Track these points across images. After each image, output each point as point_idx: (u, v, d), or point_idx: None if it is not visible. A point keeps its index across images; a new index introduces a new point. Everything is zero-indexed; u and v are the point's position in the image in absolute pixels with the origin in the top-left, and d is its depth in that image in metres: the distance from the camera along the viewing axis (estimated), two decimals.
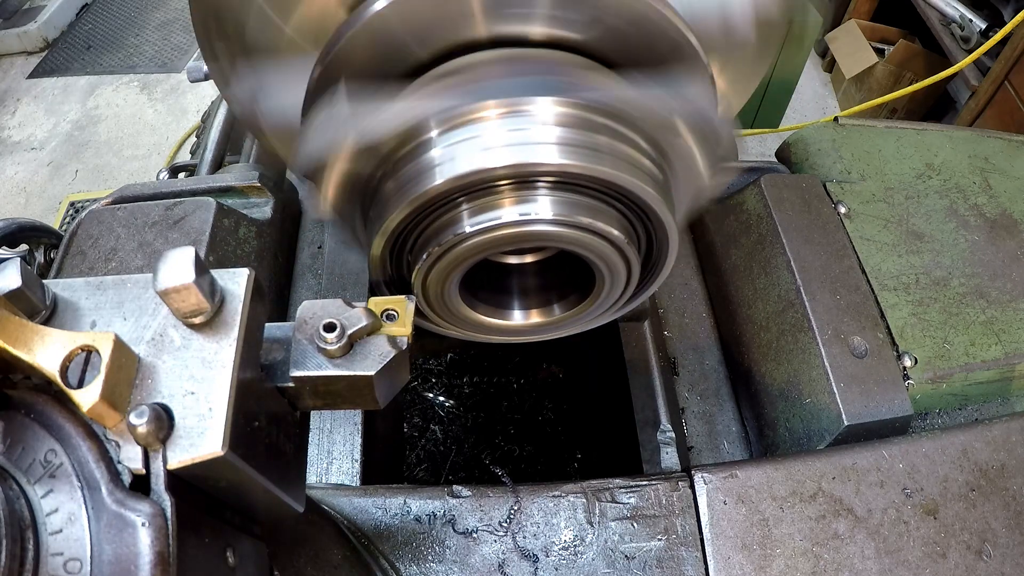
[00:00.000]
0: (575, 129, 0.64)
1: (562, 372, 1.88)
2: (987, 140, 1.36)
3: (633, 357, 1.13)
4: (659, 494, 0.87)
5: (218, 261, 1.06)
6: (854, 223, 1.17)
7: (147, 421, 0.41)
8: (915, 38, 3.65)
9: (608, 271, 0.75)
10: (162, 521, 0.41)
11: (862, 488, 0.86)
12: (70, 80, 4.22)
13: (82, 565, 0.40)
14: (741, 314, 1.16)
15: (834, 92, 3.99)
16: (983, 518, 0.85)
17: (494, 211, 0.66)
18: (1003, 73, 2.86)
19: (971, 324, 1.07)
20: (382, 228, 0.67)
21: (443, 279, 0.73)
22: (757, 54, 0.84)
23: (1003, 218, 1.21)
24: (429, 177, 0.63)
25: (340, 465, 0.99)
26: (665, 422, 1.03)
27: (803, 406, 1.02)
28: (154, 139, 3.86)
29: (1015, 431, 0.91)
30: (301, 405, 0.56)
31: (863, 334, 1.03)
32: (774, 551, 0.82)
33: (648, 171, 0.67)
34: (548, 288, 0.89)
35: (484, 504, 0.86)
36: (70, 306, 0.47)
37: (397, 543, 0.83)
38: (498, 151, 0.62)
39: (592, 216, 0.67)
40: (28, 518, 0.41)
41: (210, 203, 1.10)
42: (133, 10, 4.73)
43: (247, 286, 0.49)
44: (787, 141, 1.40)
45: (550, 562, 0.83)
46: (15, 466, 0.42)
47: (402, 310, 0.56)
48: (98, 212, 1.12)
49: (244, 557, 0.52)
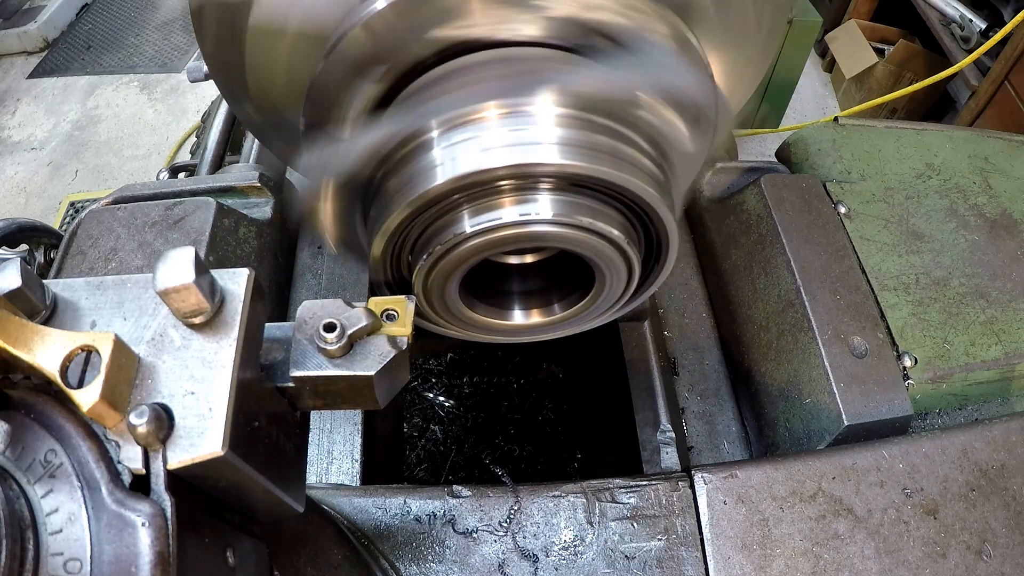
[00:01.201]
0: (575, 129, 0.64)
1: (562, 372, 1.88)
2: (987, 140, 1.36)
3: (633, 357, 1.13)
4: (659, 494, 0.87)
5: (218, 261, 1.06)
6: (854, 223, 1.17)
7: (147, 421, 0.41)
8: (915, 38, 3.65)
9: (608, 271, 0.75)
10: (162, 521, 0.41)
11: (862, 488, 0.85)
12: (70, 80, 4.22)
13: (82, 565, 0.40)
14: (741, 314, 1.16)
15: (834, 92, 3.99)
16: (983, 518, 0.85)
17: (494, 211, 0.66)
18: (1003, 73, 2.86)
19: (971, 324, 1.07)
20: (383, 228, 0.67)
21: (444, 279, 0.73)
22: (760, 38, 0.83)
23: (1003, 218, 1.21)
24: (430, 177, 0.63)
25: (340, 465, 0.99)
26: (665, 422, 1.03)
27: (803, 406, 1.02)
28: (154, 139, 3.86)
29: (1015, 431, 0.91)
30: (301, 405, 0.56)
31: (863, 334, 1.03)
32: (774, 551, 0.82)
33: (648, 170, 0.67)
34: (548, 288, 0.89)
35: (484, 504, 0.86)
36: (70, 306, 0.47)
37: (397, 543, 0.83)
38: (498, 151, 0.62)
39: (592, 216, 0.67)
40: (28, 518, 0.41)
41: (210, 203, 1.10)
42: (133, 10, 4.73)
43: (247, 286, 0.49)
44: (787, 141, 1.39)
45: (550, 562, 0.83)
46: (15, 466, 0.42)
47: (402, 310, 0.56)
48: (98, 212, 1.12)
49: (244, 557, 0.52)
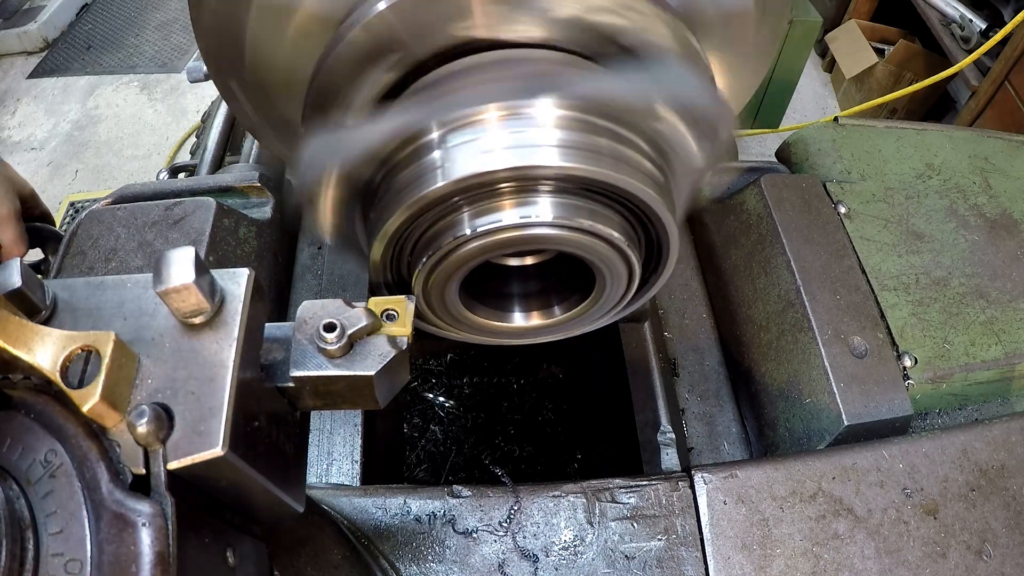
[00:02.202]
0: (576, 131, 0.63)
1: (562, 372, 1.88)
2: (987, 140, 1.36)
3: (633, 358, 1.13)
4: (659, 494, 0.87)
5: (218, 261, 1.06)
6: (854, 223, 1.17)
7: (147, 421, 0.41)
8: (915, 38, 3.65)
9: (609, 273, 0.75)
10: (162, 521, 0.41)
11: (862, 488, 0.85)
12: (70, 80, 4.22)
13: (82, 565, 0.40)
14: (741, 314, 1.16)
15: (834, 92, 3.99)
16: (983, 518, 0.85)
17: (494, 214, 0.65)
18: (1003, 73, 2.86)
19: (971, 324, 1.07)
20: (382, 231, 0.67)
21: (444, 282, 0.73)
22: (760, 40, 0.83)
23: (1003, 218, 1.21)
24: (430, 180, 0.63)
25: (340, 466, 0.99)
26: (665, 423, 1.03)
27: (803, 406, 1.02)
28: (154, 139, 3.86)
29: (1015, 431, 0.91)
30: (301, 405, 0.56)
31: (863, 334, 1.03)
32: (774, 551, 0.82)
33: (649, 173, 0.67)
34: (549, 290, 0.88)
35: (484, 504, 0.86)
36: (70, 306, 0.47)
37: (397, 543, 0.83)
38: (498, 154, 0.62)
39: (593, 218, 0.67)
40: (28, 518, 0.41)
41: (210, 203, 1.09)
42: (133, 10, 4.73)
43: (247, 286, 0.49)
44: (787, 141, 1.39)
45: (550, 562, 0.83)
46: (15, 466, 0.42)
47: (402, 310, 0.56)
48: (98, 212, 1.12)
49: (244, 557, 0.52)
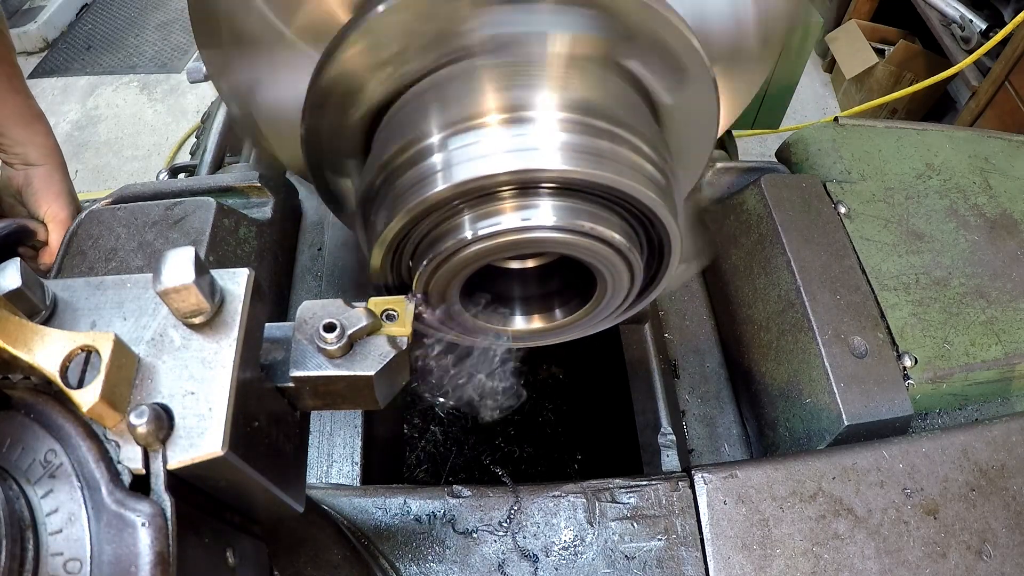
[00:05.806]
0: (576, 134, 0.63)
1: (562, 373, 1.88)
2: (987, 140, 1.36)
3: (634, 359, 1.13)
4: (659, 494, 0.87)
5: (218, 261, 1.06)
6: (854, 223, 1.17)
7: (147, 421, 0.41)
8: (915, 38, 3.65)
9: (610, 276, 0.75)
10: (162, 521, 0.41)
11: (862, 488, 0.85)
12: (70, 80, 4.22)
13: (82, 565, 0.40)
14: (741, 314, 1.16)
15: (834, 92, 3.99)
16: (983, 518, 0.85)
17: (495, 217, 0.65)
18: (1003, 73, 2.86)
19: (971, 324, 1.07)
20: (382, 236, 0.67)
21: (444, 285, 0.73)
22: (759, 63, 0.84)
23: (1003, 218, 1.21)
24: (430, 183, 0.63)
25: (340, 468, 0.99)
26: (666, 425, 1.03)
27: (803, 406, 1.02)
28: (154, 139, 3.86)
29: (1015, 431, 0.91)
30: (301, 405, 0.56)
31: (863, 334, 1.03)
32: (774, 551, 0.82)
33: (650, 175, 0.67)
34: (550, 293, 0.88)
35: (484, 504, 0.86)
36: (70, 306, 0.47)
37: (397, 543, 0.83)
38: (500, 157, 0.62)
39: (594, 221, 0.67)
40: (28, 518, 0.41)
41: (210, 203, 1.10)
42: (133, 10, 4.73)
43: (247, 286, 0.49)
44: (787, 141, 1.39)
45: (550, 562, 0.83)
46: (15, 466, 0.42)
47: (402, 310, 0.56)
48: (98, 212, 1.12)
49: (244, 557, 0.52)
